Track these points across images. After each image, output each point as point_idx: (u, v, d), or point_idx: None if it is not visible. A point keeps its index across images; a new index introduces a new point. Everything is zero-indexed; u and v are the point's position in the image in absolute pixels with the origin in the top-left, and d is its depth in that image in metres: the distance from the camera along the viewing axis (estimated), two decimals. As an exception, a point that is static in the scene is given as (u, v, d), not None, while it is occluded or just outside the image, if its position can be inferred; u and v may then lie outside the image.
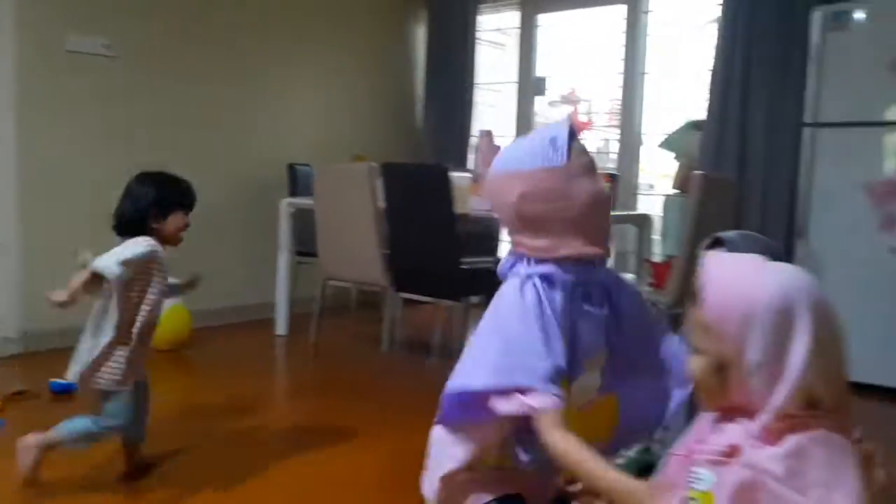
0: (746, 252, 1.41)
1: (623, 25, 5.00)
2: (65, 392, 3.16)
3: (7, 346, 3.77)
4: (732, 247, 1.57)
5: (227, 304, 4.67)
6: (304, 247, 4.39)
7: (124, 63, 4.11)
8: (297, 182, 4.70)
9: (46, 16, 3.81)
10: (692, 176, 3.19)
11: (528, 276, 1.36)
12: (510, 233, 1.44)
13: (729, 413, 1.08)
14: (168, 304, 3.90)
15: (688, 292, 3.05)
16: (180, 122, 4.38)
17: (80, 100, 3.96)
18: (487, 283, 3.58)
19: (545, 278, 1.35)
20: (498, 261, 4.76)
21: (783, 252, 1.57)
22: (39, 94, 3.80)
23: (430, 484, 1.43)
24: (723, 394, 1.07)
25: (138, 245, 2.21)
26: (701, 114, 4.49)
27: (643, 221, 3.95)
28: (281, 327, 4.44)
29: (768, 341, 0.99)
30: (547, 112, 5.67)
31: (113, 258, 2.15)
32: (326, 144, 5.18)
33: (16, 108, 3.72)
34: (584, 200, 1.34)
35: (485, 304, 1.41)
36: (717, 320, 1.04)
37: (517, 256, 1.42)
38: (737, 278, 1.06)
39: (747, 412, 1.03)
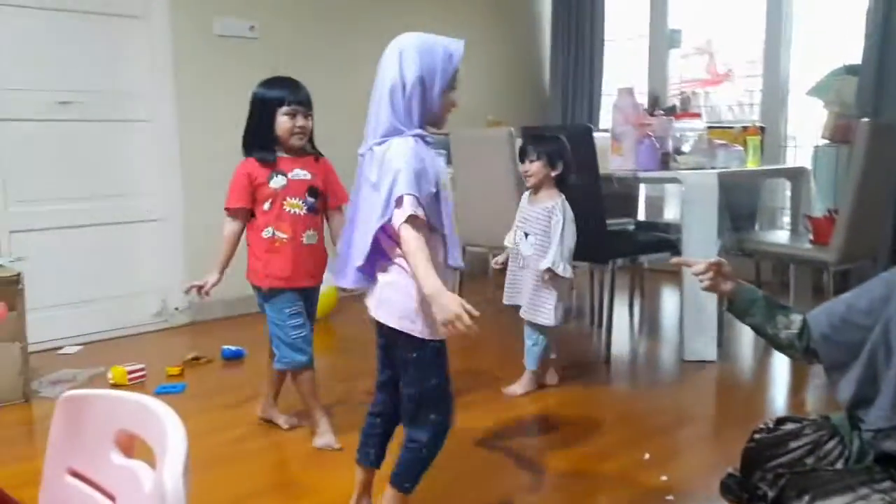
0: None
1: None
2: (234, 358, 3.38)
3: (178, 316, 4.06)
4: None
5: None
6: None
7: (266, 44, 4.28)
8: (432, 150, 4.74)
9: (195, 3, 4.01)
10: (857, 124, 2.99)
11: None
12: None
13: None
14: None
15: (855, 248, 2.90)
16: (319, 100, 4.50)
17: (229, 80, 4.15)
18: (632, 245, 3.54)
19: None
20: (638, 222, 4.64)
21: None
22: (194, 77, 4.02)
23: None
24: None
25: None
26: (856, 58, 4.19)
27: (798, 175, 3.74)
28: (422, 293, 4.53)
29: None
30: (681, 65, 5.45)
31: None
32: (459, 111, 5.19)
33: (175, 91, 3.96)
34: None
35: (628, 267, 1.64)
36: None
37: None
38: None
39: None
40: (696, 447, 2.51)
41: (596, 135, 3.62)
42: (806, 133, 4.79)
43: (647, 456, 2.32)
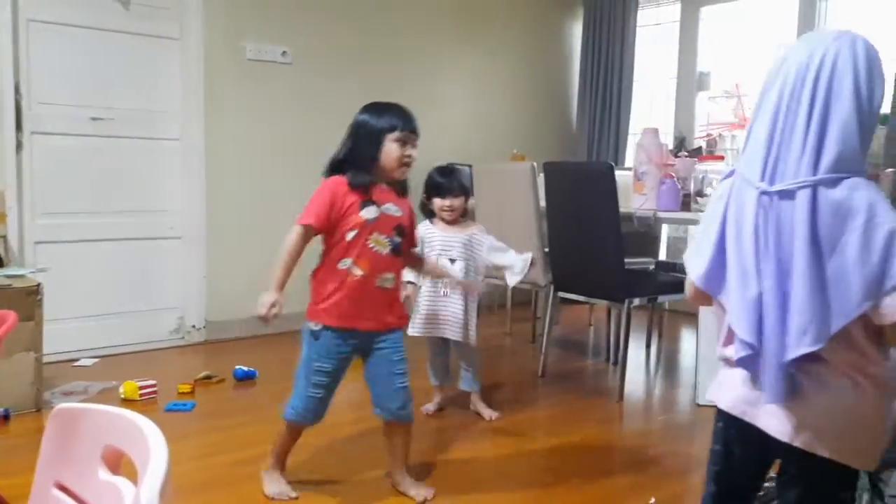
0: None
1: (795, 15, 4.73)
2: (246, 378, 3.38)
3: (194, 334, 4.09)
4: None
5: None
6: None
7: (298, 70, 4.35)
8: (455, 181, 4.77)
9: (230, 27, 4.09)
10: (884, 174, 2.96)
11: None
12: None
13: None
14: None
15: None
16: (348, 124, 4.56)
17: (259, 104, 4.23)
18: (650, 285, 3.51)
19: None
20: (659, 262, 4.58)
21: None
22: (223, 99, 4.09)
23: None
24: None
25: None
26: (884, 108, 4.15)
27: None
28: (438, 323, 4.53)
29: None
30: (708, 107, 5.44)
31: None
32: (484, 144, 5.24)
33: (204, 112, 4.03)
34: None
35: (646, 307, 1.38)
36: None
37: None
38: None
39: None
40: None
41: (619, 173, 3.62)
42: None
43: (652, 500, 2.28)
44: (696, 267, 1.35)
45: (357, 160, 2.14)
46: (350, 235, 2.10)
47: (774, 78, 1.26)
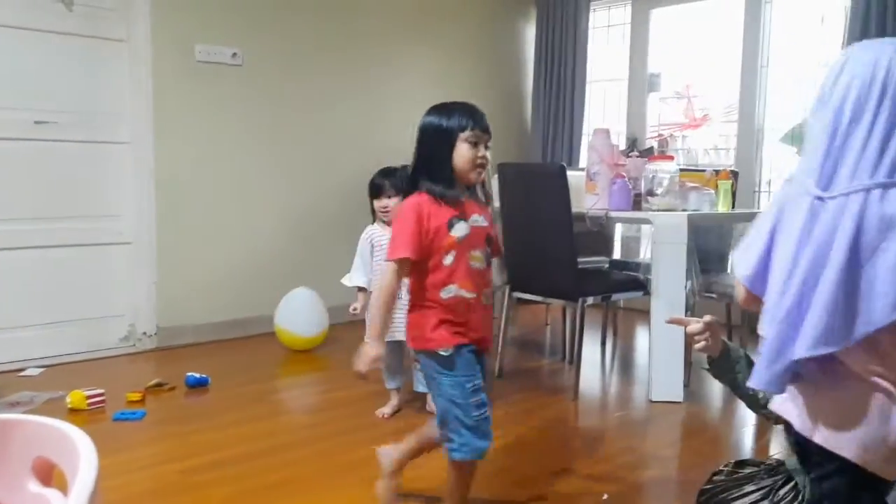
0: None
1: (742, 17, 4.83)
2: (198, 385, 3.33)
3: (145, 341, 4.01)
4: None
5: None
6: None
7: (249, 71, 4.30)
8: (410, 183, 4.76)
9: (178, 28, 4.03)
10: None
11: None
12: None
13: None
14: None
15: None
16: (302, 127, 4.54)
17: (209, 106, 4.17)
18: (603, 284, 3.55)
19: None
20: (612, 261, 4.63)
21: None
22: (173, 101, 4.03)
23: None
24: None
25: None
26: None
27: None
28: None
29: None
30: (660, 108, 5.53)
31: None
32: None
33: (153, 115, 3.96)
34: None
35: (601, 305, 1.44)
36: None
37: None
38: None
39: None
40: (657, 489, 2.49)
41: (573, 173, 3.65)
42: (781, 179, 4.85)
43: (605, 496, 2.30)
44: (744, 267, 1.35)
45: (430, 167, 1.94)
46: (448, 259, 1.90)
47: (833, 86, 1.25)
